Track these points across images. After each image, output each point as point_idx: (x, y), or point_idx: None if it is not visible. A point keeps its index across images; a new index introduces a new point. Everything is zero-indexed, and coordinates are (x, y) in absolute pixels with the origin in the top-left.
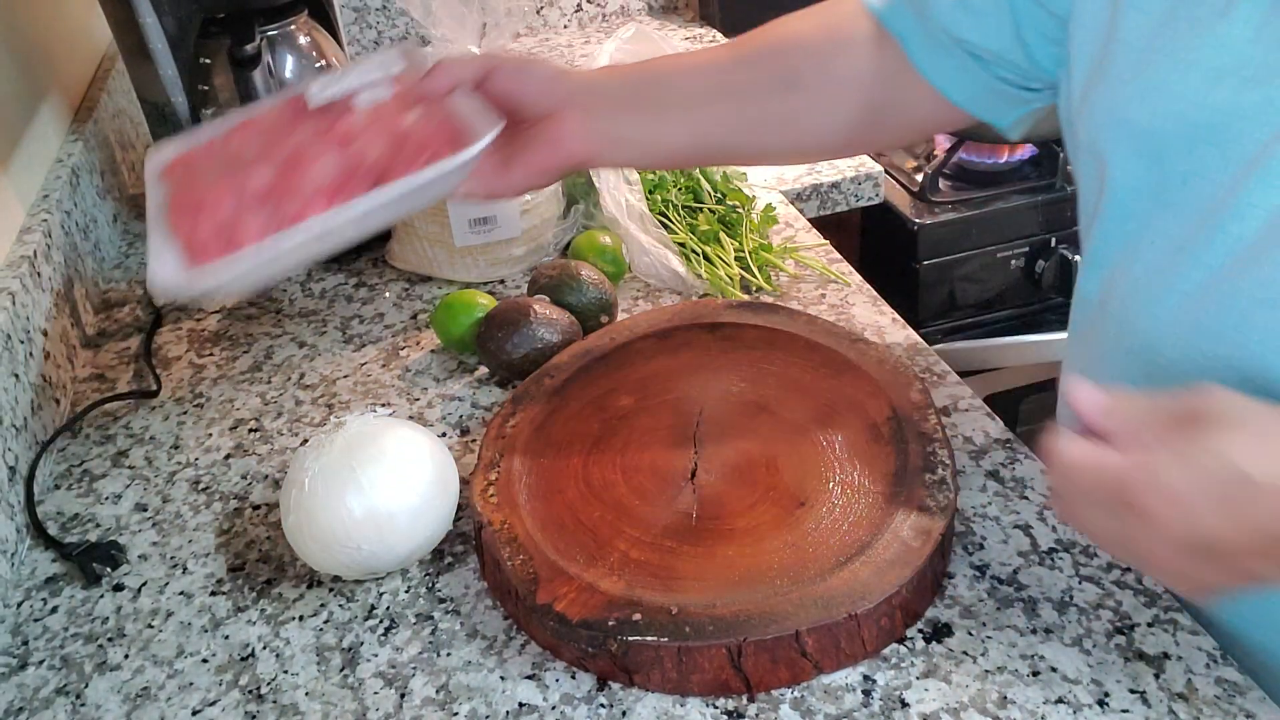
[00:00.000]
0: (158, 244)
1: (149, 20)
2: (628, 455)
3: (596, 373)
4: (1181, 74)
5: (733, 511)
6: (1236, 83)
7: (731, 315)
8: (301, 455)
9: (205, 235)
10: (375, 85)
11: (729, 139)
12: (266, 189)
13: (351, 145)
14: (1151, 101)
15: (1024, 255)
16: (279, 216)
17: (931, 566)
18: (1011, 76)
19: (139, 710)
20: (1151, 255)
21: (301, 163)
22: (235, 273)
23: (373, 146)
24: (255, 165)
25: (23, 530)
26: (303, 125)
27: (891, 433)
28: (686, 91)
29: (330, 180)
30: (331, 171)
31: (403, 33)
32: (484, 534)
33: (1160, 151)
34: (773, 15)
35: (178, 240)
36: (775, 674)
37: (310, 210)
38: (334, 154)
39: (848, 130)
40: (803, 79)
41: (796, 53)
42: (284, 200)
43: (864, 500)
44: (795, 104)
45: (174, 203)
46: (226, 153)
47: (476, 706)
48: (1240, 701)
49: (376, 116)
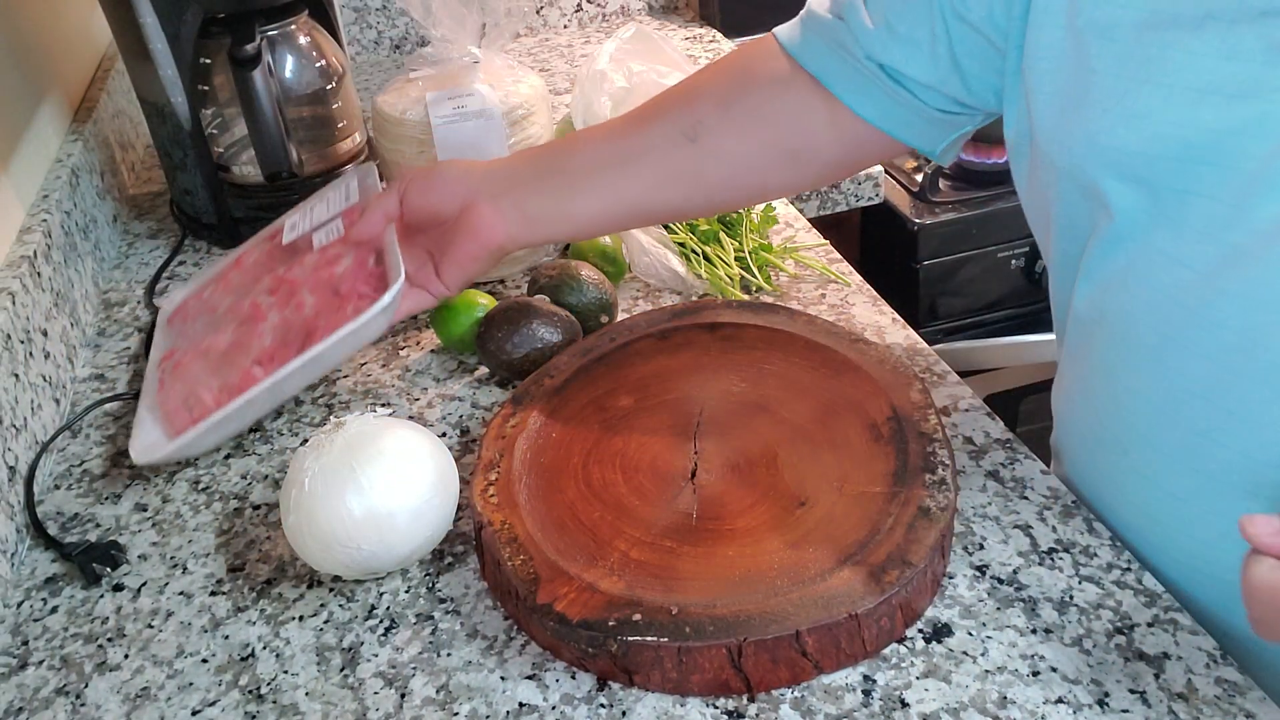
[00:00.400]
0: (143, 414)
1: (149, 20)
2: (628, 455)
3: (596, 373)
4: (1163, 98)
5: (733, 511)
6: (1220, 101)
7: (731, 315)
8: (301, 455)
9: (174, 405)
10: (330, 222)
11: (641, 201)
12: (224, 350)
13: (292, 299)
14: (1136, 127)
15: (1024, 255)
16: (227, 386)
17: (931, 566)
18: (943, 104)
19: (139, 710)
20: (1153, 270)
21: (255, 321)
22: (197, 440)
23: (308, 300)
24: (223, 323)
25: (23, 530)
26: (272, 267)
27: (891, 433)
28: (587, 163)
29: (269, 345)
30: (270, 337)
31: (403, 33)
32: (484, 534)
33: (1152, 173)
34: (772, 15)
35: (158, 409)
36: (775, 674)
37: (249, 381)
38: (277, 312)
39: (762, 173)
40: (704, 128)
41: (698, 103)
42: (233, 365)
43: (863, 500)
44: (698, 155)
45: (163, 361)
46: (209, 304)
47: (477, 706)
48: (1240, 701)
49: (318, 263)
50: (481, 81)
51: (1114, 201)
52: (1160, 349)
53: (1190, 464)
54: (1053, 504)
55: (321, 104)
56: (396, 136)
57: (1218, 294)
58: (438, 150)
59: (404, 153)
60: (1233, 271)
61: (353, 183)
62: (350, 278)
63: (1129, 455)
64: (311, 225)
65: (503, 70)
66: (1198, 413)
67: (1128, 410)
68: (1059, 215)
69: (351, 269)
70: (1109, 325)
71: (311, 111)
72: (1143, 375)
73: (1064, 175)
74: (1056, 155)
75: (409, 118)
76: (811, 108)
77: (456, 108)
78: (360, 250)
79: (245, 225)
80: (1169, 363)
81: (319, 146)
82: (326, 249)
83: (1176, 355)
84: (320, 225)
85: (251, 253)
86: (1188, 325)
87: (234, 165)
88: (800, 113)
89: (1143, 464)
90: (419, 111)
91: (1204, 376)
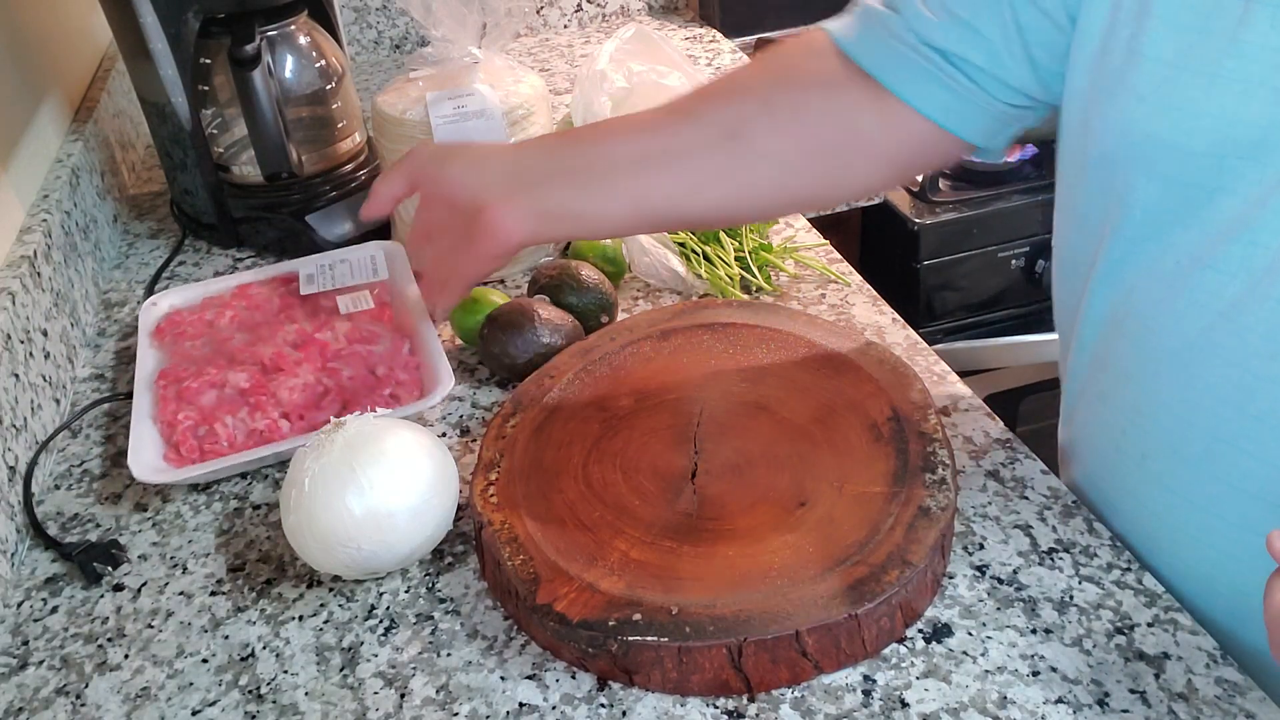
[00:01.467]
0: (142, 428)
1: (149, 20)
2: (628, 455)
3: (597, 373)
4: (1205, 89)
5: (733, 511)
6: (1269, 94)
7: (732, 315)
8: (301, 455)
9: (184, 433)
10: (358, 290)
11: (673, 203)
12: (243, 390)
13: (325, 364)
14: (1175, 118)
15: (1024, 255)
16: (251, 431)
17: (931, 567)
18: (1010, 96)
19: (139, 710)
20: (1178, 272)
21: (281, 371)
22: (204, 474)
23: (344, 371)
24: (239, 360)
25: (23, 530)
26: (290, 313)
27: (892, 433)
28: (614, 159)
29: (300, 402)
30: (300, 395)
31: (403, 33)
32: (484, 534)
33: (1183, 169)
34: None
35: (159, 425)
36: (775, 674)
37: (277, 433)
38: (310, 372)
39: (807, 176)
40: (746, 127)
41: (740, 100)
42: (257, 409)
43: (864, 500)
44: (739, 156)
45: (161, 378)
46: (216, 331)
47: (476, 706)
48: (1240, 701)
49: (352, 335)
50: (481, 81)
51: (1139, 198)
52: (1183, 353)
53: (1212, 471)
54: (1053, 504)
55: (321, 104)
56: (396, 136)
57: (1244, 296)
58: None
59: (404, 152)
60: (1260, 275)
61: (379, 254)
62: (387, 360)
63: (1148, 462)
64: (334, 284)
65: (503, 70)
66: (1221, 419)
67: (1148, 416)
68: (1076, 209)
69: (389, 352)
70: (1129, 328)
71: (311, 111)
72: (1164, 380)
73: (1091, 166)
74: (1088, 144)
75: (409, 118)
76: (863, 106)
77: (457, 108)
78: (396, 335)
79: (245, 225)
80: (1192, 368)
81: (319, 146)
82: (359, 322)
83: (1200, 360)
84: (345, 289)
85: (259, 289)
86: (1213, 329)
87: (234, 165)
88: (851, 111)
89: (1163, 471)
90: (419, 111)
91: (1229, 382)
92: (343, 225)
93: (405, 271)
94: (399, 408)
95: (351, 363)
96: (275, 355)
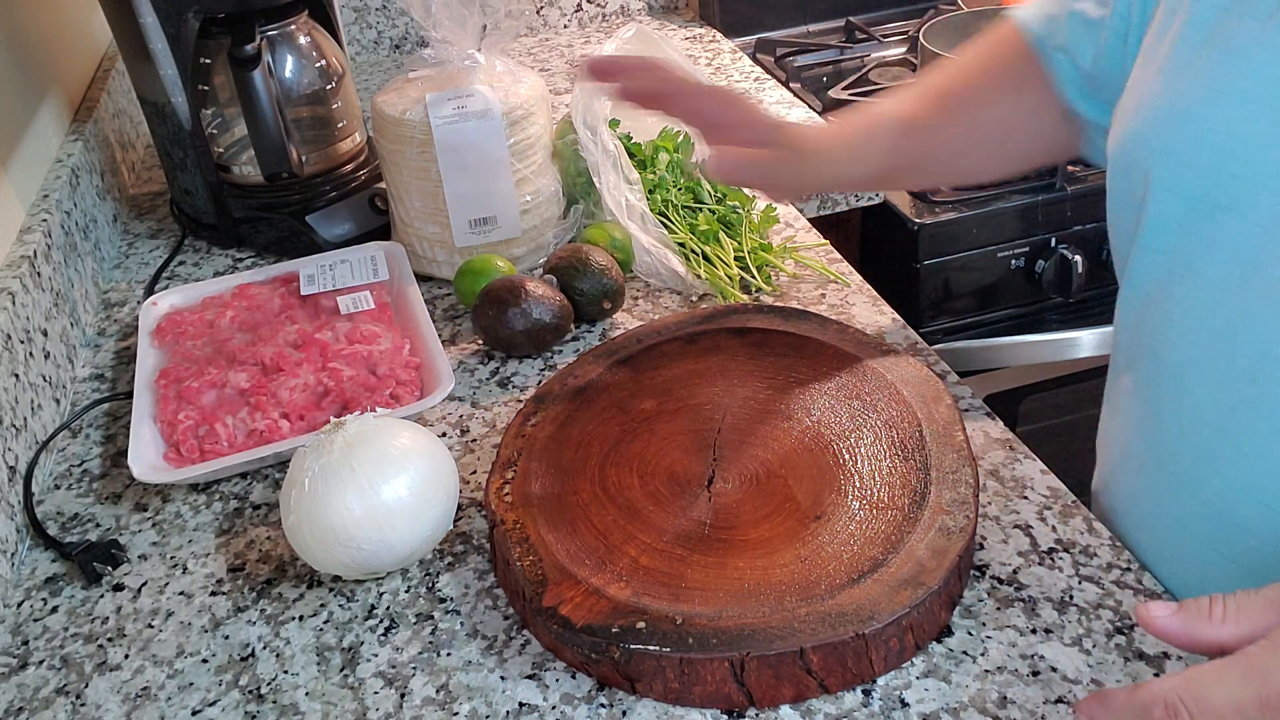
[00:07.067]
0: (142, 427)
1: (149, 20)
2: (646, 459)
3: (620, 375)
4: (1209, 100)
5: (747, 522)
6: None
7: (761, 321)
8: (301, 455)
9: (184, 433)
10: (358, 290)
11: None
12: (243, 390)
13: (326, 364)
14: (1184, 129)
15: (1024, 255)
16: (251, 431)
17: (946, 588)
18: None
19: (139, 710)
20: (1183, 287)
21: (281, 371)
22: (204, 474)
23: (345, 371)
24: (239, 361)
25: (23, 530)
26: (290, 313)
27: (916, 448)
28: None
29: (300, 402)
30: (300, 395)
31: (403, 33)
32: (495, 532)
33: (1189, 182)
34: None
35: (159, 425)
36: (778, 690)
37: (276, 433)
38: (310, 372)
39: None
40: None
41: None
42: (257, 409)
43: (882, 516)
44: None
45: (161, 378)
46: (216, 331)
47: (477, 706)
48: None
49: (352, 334)
50: (481, 82)
51: (1152, 207)
52: (1181, 369)
53: (1190, 488)
54: (1053, 504)
55: (321, 104)
56: (396, 136)
57: (1237, 317)
58: (437, 150)
59: (404, 153)
60: (1254, 296)
61: (379, 254)
62: (387, 360)
63: (1144, 475)
64: (334, 285)
65: (503, 70)
66: (1204, 439)
67: (1148, 431)
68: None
69: (390, 352)
70: (1144, 339)
71: (311, 111)
72: (1165, 395)
73: (1113, 167)
74: (1111, 146)
75: (409, 118)
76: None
77: (457, 108)
78: (396, 335)
79: (245, 225)
80: (1186, 384)
81: (319, 146)
82: (359, 322)
83: (1194, 377)
84: (345, 289)
85: (259, 289)
86: (1208, 347)
87: (234, 165)
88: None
89: (1153, 484)
90: (419, 112)
91: (1216, 402)
92: (343, 225)
93: (405, 271)
94: (399, 408)
95: (351, 363)
96: (275, 355)
